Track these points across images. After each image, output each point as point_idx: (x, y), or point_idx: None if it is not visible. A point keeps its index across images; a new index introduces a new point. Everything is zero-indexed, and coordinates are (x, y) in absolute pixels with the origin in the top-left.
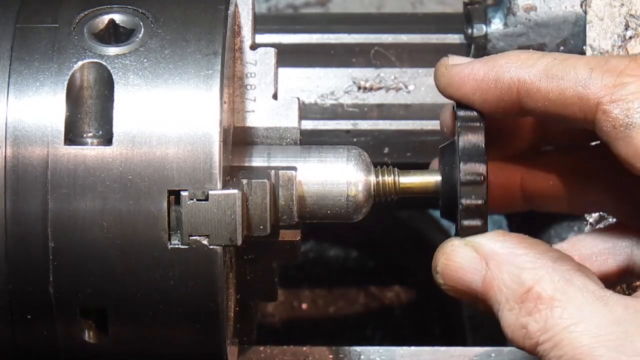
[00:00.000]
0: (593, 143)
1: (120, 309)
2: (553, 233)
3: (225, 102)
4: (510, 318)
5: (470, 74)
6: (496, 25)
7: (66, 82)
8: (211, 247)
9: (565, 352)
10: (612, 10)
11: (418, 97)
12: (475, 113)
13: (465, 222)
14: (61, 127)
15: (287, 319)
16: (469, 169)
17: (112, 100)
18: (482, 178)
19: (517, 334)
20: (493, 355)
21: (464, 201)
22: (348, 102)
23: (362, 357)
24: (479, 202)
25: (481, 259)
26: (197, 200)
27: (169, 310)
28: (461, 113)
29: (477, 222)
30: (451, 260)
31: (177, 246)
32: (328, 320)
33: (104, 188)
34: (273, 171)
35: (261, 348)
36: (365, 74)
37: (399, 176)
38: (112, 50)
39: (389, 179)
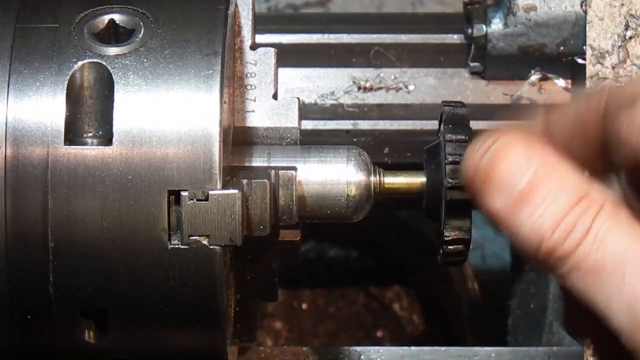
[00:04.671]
0: None
1: (120, 309)
2: None
3: (225, 102)
4: (558, 212)
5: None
6: (496, 25)
7: (66, 82)
8: (211, 247)
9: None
10: (612, 10)
11: (418, 97)
12: (462, 114)
13: (450, 222)
14: (61, 127)
15: (287, 319)
16: (454, 173)
17: (112, 100)
18: None
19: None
20: (493, 355)
21: (449, 200)
22: (348, 102)
23: (362, 357)
24: (464, 201)
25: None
26: (197, 200)
27: (169, 310)
28: (447, 109)
29: (461, 223)
30: (502, 154)
31: (177, 246)
32: (328, 320)
33: (104, 188)
34: (273, 171)
35: (261, 348)
36: (365, 74)
37: (383, 176)
38: (112, 50)
39: (373, 179)
